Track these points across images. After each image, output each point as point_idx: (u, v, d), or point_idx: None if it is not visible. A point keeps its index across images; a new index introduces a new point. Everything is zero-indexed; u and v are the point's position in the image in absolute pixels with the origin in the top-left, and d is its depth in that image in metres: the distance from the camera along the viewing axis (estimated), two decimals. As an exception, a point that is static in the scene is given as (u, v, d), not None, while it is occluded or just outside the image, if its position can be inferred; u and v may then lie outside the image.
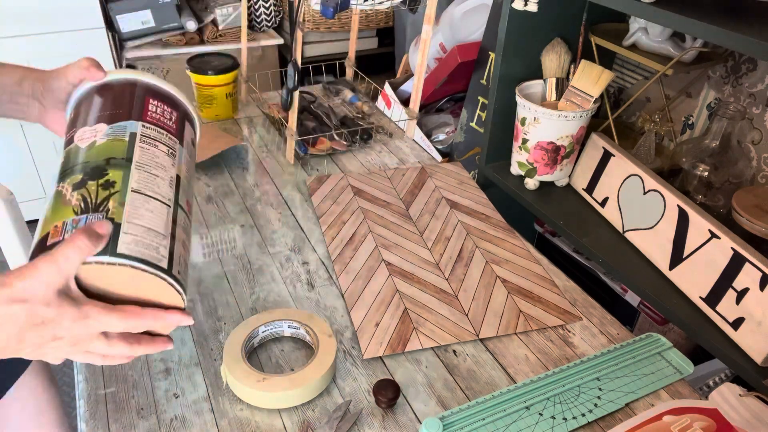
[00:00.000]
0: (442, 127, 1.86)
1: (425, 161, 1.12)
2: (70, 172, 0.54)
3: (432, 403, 0.65)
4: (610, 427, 0.62)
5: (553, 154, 1.23)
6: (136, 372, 0.67)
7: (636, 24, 1.19)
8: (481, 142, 1.44)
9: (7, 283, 0.46)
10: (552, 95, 1.24)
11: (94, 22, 2.03)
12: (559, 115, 1.17)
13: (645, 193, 1.11)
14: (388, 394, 0.62)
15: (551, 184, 1.32)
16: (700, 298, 1.00)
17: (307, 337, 0.70)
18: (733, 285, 0.94)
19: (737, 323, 0.93)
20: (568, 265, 1.46)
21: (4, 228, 0.92)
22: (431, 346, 0.72)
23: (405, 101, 1.68)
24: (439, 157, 1.73)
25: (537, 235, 1.57)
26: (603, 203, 1.22)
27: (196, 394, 0.65)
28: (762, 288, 0.89)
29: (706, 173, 1.14)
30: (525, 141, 1.24)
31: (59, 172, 0.55)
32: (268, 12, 2.49)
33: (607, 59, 1.43)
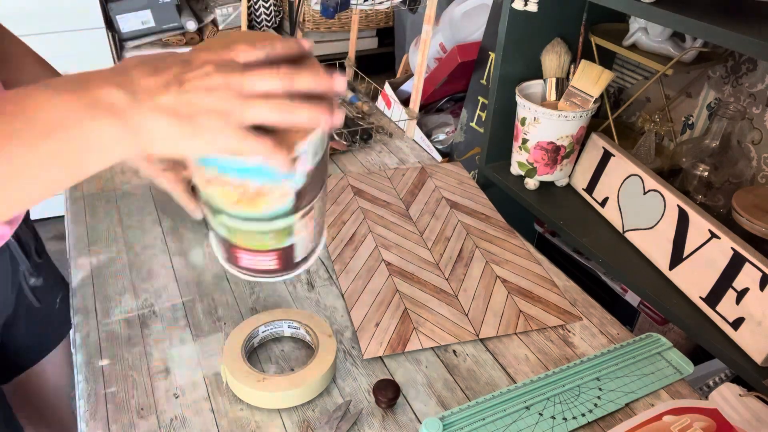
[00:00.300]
0: (442, 127, 1.86)
1: (425, 161, 1.12)
2: None
3: (432, 403, 0.65)
4: (610, 427, 0.62)
5: (553, 154, 1.23)
6: (136, 372, 0.67)
7: (636, 24, 1.19)
8: (481, 142, 1.44)
9: None
10: (552, 95, 1.24)
11: (94, 22, 2.04)
12: (559, 115, 1.17)
13: (645, 193, 1.11)
14: (388, 394, 0.62)
15: (551, 184, 1.32)
16: (700, 298, 1.00)
17: (307, 337, 0.70)
18: (733, 285, 0.94)
19: (737, 323, 0.93)
20: (568, 265, 1.46)
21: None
22: (431, 346, 0.72)
23: (405, 101, 1.68)
24: (439, 157, 1.73)
25: (537, 235, 1.57)
26: (603, 203, 1.22)
27: (196, 394, 0.65)
28: (762, 288, 0.89)
29: (706, 173, 1.14)
30: (525, 141, 1.24)
31: None
32: (268, 12, 2.49)
33: (607, 59, 1.43)
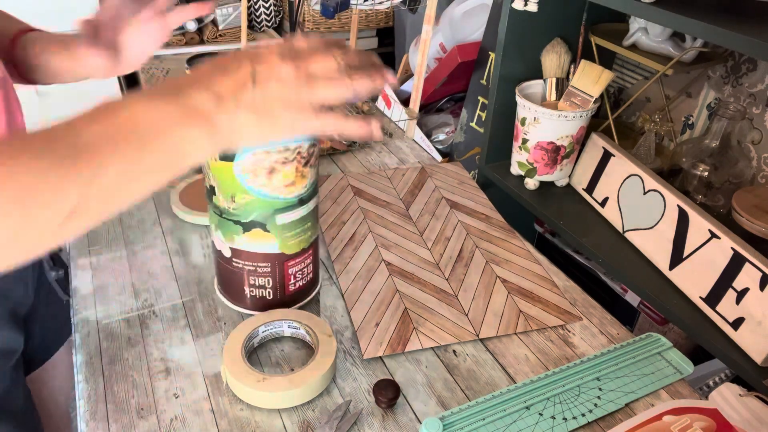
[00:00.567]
0: (442, 127, 1.86)
1: (425, 161, 1.12)
2: None
3: (432, 403, 0.65)
4: (610, 427, 0.62)
5: (553, 154, 1.23)
6: (136, 372, 0.67)
7: (636, 24, 1.19)
8: (481, 142, 1.44)
9: None
10: (552, 95, 1.24)
11: (94, 22, 2.03)
12: (559, 115, 1.17)
13: (645, 193, 1.11)
14: (388, 394, 0.62)
15: (551, 184, 1.32)
16: (700, 298, 1.00)
17: (307, 337, 0.70)
18: (733, 285, 0.94)
19: (737, 323, 0.94)
20: (568, 265, 1.46)
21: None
22: (431, 346, 0.72)
23: (405, 101, 1.68)
24: (439, 157, 1.73)
25: (537, 235, 1.57)
26: (603, 203, 1.22)
27: (196, 394, 0.65)
28: (762, 288, 0.89)
29: (706, 173, 1.14)
30: (525, 141, 1.24)
31: None
32: (268, 12, 2.49)
33: (607, 59, 1.43)
